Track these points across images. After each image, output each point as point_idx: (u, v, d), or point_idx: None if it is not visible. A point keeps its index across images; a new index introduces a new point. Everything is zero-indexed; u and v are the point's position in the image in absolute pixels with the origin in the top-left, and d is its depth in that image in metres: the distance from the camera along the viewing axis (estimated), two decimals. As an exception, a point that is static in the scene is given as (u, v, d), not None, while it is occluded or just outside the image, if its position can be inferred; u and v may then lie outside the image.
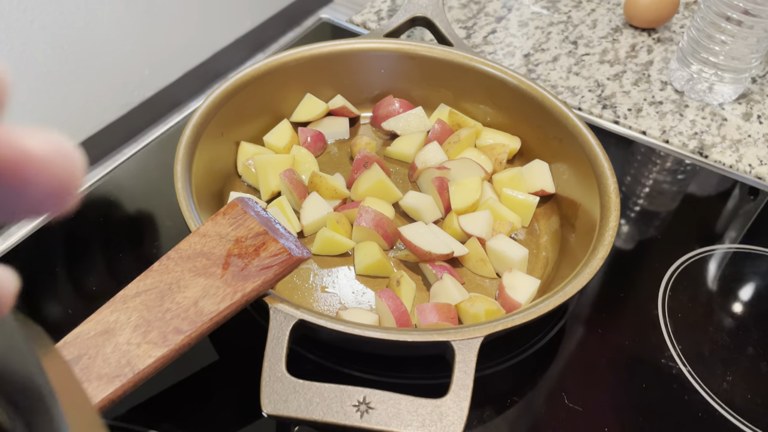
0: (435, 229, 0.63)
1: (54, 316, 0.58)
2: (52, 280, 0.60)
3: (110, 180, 0.69)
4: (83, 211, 0.66)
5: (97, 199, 0.67)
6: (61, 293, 0.59)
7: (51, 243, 0.63)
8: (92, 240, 0.64)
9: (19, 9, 1.61)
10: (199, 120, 0.63)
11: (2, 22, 1.58)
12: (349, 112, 0.75)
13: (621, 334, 0.61)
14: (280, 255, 0.49)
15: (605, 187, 0.62)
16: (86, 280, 0.60)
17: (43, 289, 0.59)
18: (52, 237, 0.64)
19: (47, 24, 1.68)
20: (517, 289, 0.59)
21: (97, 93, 2.01)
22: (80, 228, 0.65)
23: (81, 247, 0.63)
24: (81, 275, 0.61)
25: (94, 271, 0.61)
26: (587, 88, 0.87)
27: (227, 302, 0.47)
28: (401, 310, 0.55)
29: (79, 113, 1.98)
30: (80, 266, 0.61)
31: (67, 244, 0.64)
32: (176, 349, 0.46)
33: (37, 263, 0.61)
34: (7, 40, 1.64)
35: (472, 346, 0.48)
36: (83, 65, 1.88)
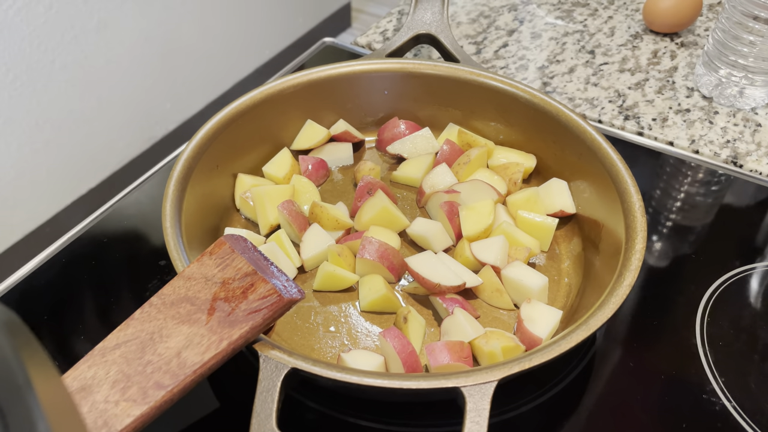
0: (445, 258, 0.59)
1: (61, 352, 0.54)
2: (42, 329, 0.57)
3: (104, 221, 0.66)
4: (73, 256, 0.63)
5: (89, 241, 0.65)
6: (50, 342, 0.56)
7: (39, 289, 0.61)
8: (83, 285, 0.61)
9: (40, 50, 1.63)
10: (191, 154, 0.60)
11: (24, 63, 1.60)
12: (353, 137, 0.71)
13: (656, 367, 0.55)
14: (270, 297, 0.45)
15: (629, 205, 0.56)
16: (75, 327, 0.57)
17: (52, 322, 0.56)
18: (40, 283, 0.61)
19: (68, 63, 1.70)
20: (537, 321, 0.53)
21: (120, 129, 2.03)
22: (70, 273, 0.62)
23: (71, 294, 0.60)
24: (71, 322, 0.58)
25: (84, 318, 0.58)
26: (607, 99, 0.82)
27: (212, 352, 0.43)
28: (408, 351, 0.51)
29: (103, 150, 1.99)
30: (69, 313, 0.58)
31: (57, 291, 0.61)
32: (157, 406, 0.42)
33: (24, 311, 0.59)
34: (29, 81, 1.66)
35: (485, 392, 0.43)
36: (105, 102, 1.90)
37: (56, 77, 1.74)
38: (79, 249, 0.64)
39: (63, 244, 0.64)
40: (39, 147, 1.84)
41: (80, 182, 2.03)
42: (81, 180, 2.03)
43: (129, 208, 0.68)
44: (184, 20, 1.96)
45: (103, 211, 0.67)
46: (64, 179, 1.96)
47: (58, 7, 1.64)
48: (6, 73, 1.63)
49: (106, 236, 0.65)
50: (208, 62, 2.11)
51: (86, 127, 1.97)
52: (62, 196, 2.01)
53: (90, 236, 0.65)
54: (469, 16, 0.95)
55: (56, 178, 1.92)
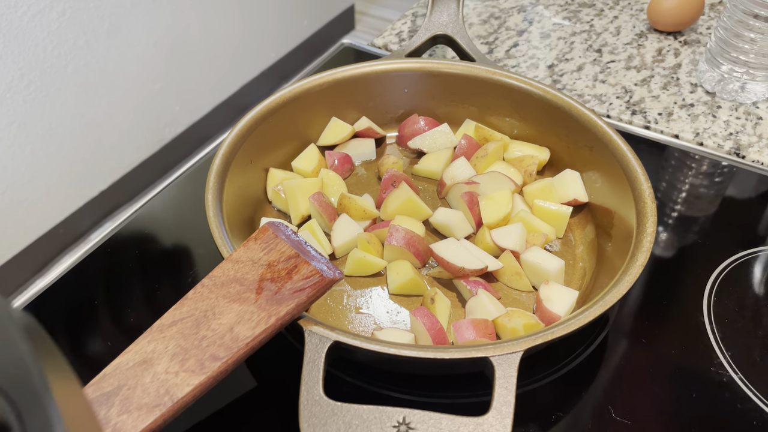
0: (467, 244, 0.63)
1: (95, 349, 0.58)
2: (92, 314, 0.61)
3: (143, 214, 0.70)
4: (119, 247, 0.67)
5: (131, 233, 0.68)
6: (100, 326, 0.60)
7: (89, 278, 0.64)
8: (129, 273, 0.65)
9: (53, 54, 1.66)
10: (227, 149, 0.64)
11: (38, 67, 1.64)
12: (375, 133, 0.75)
13: (666, 342, 0.59)
14: (313, 277, 0.49)
15: (640, 192, 0.60)
16: (124, 312, 0.61)
17: (83, 322, 0.60)
18: (90, 272, 0.65)
19: (80, 68, 1.73)
20: (555, 301, 0.57)
21: (130, 132, 2.06)
22: (117, 262, 0.66)
23: (119, 281, 0.64)
24: (119, 308, 0.61)
25: (131, 304, 0.62)
26: (615, 95, 0.86)
27: (262, 326, 0.47)
28: (437, 328, 0.55)
29: (113, 153, 2.03)
30: (118, 299, 0.62)
31: (105, 279, 0.65)
32: (214, 375, 0.45)
33: (77, 298, 0.63)
34: (43, 86, 1.70)
35: (512, 361, 0.46)
36: (116, 106, 1.94)
37: (69, 81, 1.78)
38: (122, 240, 0.68)
39: (105, 236, 0.68)
40: (52, 151, 1.88)
41: (92, 185, 2.06)
42: (93, 183, 2.06)
43: (155, 208, 0.72)
44: (192, 25, 2.00)
45: (135, 210, 0.71)
46: (76, 182, 1.99)
47: (71, 13, 1.68)
48: (21, 77, 1.67)
49: (147, 228, 0.69)
50: (215, 65, 2.15)
51: (97, 131, 2.00)
52: (75, 198, 2.05)
53: (130, 230, 0.69)
54: (480, 18, 0.99)
55: (69, 181, 1.96)
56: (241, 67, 2.29)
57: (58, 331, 0.60)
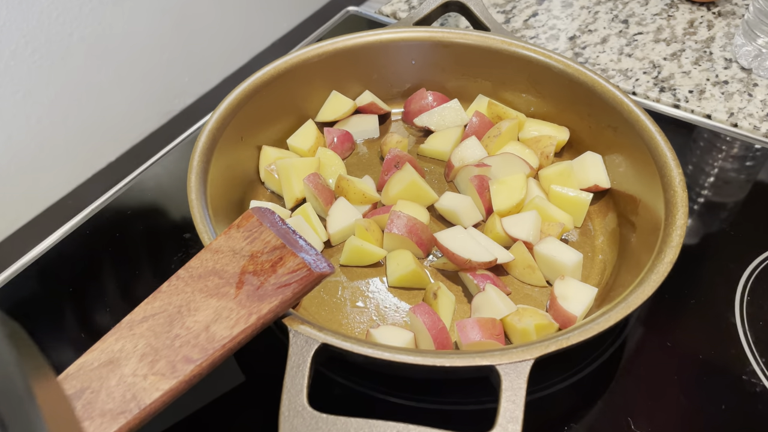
0: (475, 233, 0.57)
1: (67, 340, 0.54)
2: (66, 302, 0.57)
3: (126, 194, 0.65)
4: (97, 228, 0.63)
5: (112, 215, 0.64)
6: (74, 315, 0.56)
7: (65, 262, 0.60)
8: (107, 258, 0.60)
9: (59, 22, 1.61)
10: (215, 125, 0.59)
11: (42, 35, 1.59)
12: (379, 109, 0.69)
13: (693, 346, 0.53)
14: (299, 271, 0.44)
15: (669, 179, 0.54)
16: (100, 300, 0.57)
17: (56, 311, 0.56)
18: (64, 256, 0.61)
19: (86, 36, 1.68)
20: (571, 299, 0.52)
21: (138, 103, 2.01)
22: (95, 245, 0.61)
23: (96, 266, 0.60)
24: (96, 296, 0.57)
25: (109, 291, 0.57)
26: (642, 70, 0.79)
27: (241, 326, 0.42)
28: (439, 327, 0.49)
29: (121, 124, 1.98)
30: (94, 287, 0.58)
31: (82, 264, 0.60)
32: (186, 380, 0.41)
33: (50, 284, 0.58)
34: (48, 54, 1.65)
35: (521, 371, 0.41)
36: (123, 75, 1.88)
37: (74, 50, 1.73)
38: (103, 221, 0.63)
39: (86, 216, 0.63)
40: (58, 121, 1.84)
41: (100, 156, 2.03)
42: (101, 154, 2.02)
43: (150, 182, 0.67)
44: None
45: (124, 184, 0.66)
46: (83, 153, 1.95)
47: (77, -22, 1.62)
48: (25, 45, 1.62)
49: (130, 209, 0.64)
50: (225, 35, 2.09)
51: (104, 101, 1.95)
52: (82, 169, 2.01)
53: (113, 209, 0.64)
54: (497, -15, 0.92)
55: (76, 152, 1.92)
56: (252, 38, 2.23)
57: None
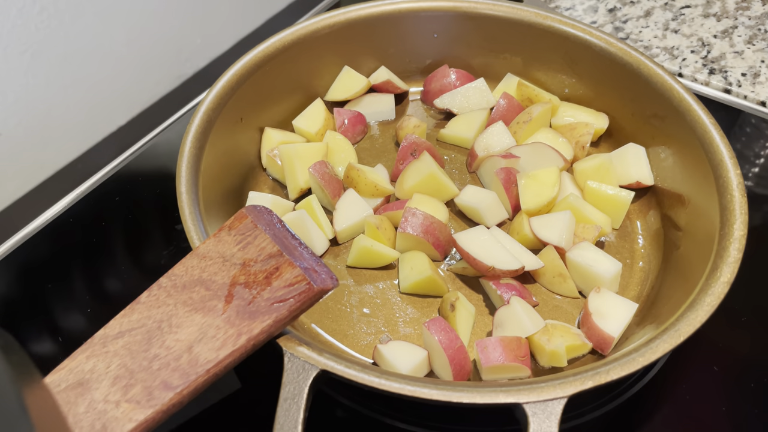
0: (500, 235, 0.51)
1: (42, 345, 0.49)
2: (41, 300, 0.51)
3: (137, 160, 0.62)
4: (79, 217, 0.57)
5: (123, 180, 0.60)
6: (50, 316, 0.51)
7: (75, 226, 0.56)
8: (90, 251, 0.55)
9: (65, -19, 1.55)
10: (211, 105, 0.52)
11: (49, -6, 1.53)
12: (395, 88, 0.62)
13: (746, 371, 0.47)
14: (298, 285, 0.38)
15: (725, 181, 0.47)
16: (80, 299, 0.51)
17: (30, 311, 0.51)
18: (76, 220, 0.57)
19: (94, -5, 1.61)
20: (607, 316, 0.46)
21: (149, 65, 1.95)
22: (77, 235, 0.56)
23: (106, 232, 0.55)
24: (74, 294, 0.52)
25: (89, 289, 0.52)
26: (689, 49, 0.71)
27: (229, 348, 0.37)
28: (456, 347, 0.43)
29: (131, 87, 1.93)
30: (72, 285, 0.52)
31: (59, 257, 0.55)
32: (163, 410, 0.35)
33: (25, 279, 0.53)
34: (56, 13, 1.59)
35: (552, 411, 0.35)
36: (134, 37, 1.82)
37: (84, 8, 1.66)
38: (114, 186, 0.60)
39: (97, 181, 0.61)
40: (67, 83, 1.79)
41: (110, 120, 1.98)
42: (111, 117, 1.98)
43: (162, 147, 0.64)
44: (215, -50, 1.85)
45: (135, 149, 0.64)
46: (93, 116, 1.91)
47: (84, -68, 1.55)
48: (33, 3, 1.55)
49: (141, 175, 0.61)
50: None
51: (115, 63, 1.89)
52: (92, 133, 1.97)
53: (125, 174, 0.61)
54: (530, -52, 0.83)
55: (85, 115, 1.87)
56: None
57: (5, 317, 0.51)
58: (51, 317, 0.51)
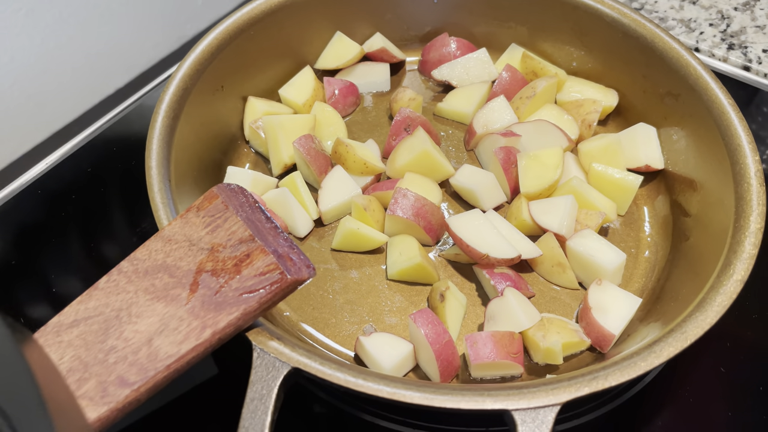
0: (496, 219, 0.47)
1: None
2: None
3: (90, 146, 0.58)
4: (51, 189, 0.54)
5: (68, 171, 0.56)
6: (12, 293, 0.48)
7: (65, 183, 0.54)
8: (58, 225, 0.52)
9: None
10: (188, 71, 0.48)
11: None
12: (391, 57, 0.58)
13: (753, 374, 0.44)
14: (270, 274, 0.35)
15: (743, 168, 0.43)
16: (46, 276, 0.48)
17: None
18: (65, 178, 0.55)
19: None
20: (608, 311, 0.42)
21: (148, 26, 1.90)
22: (46, 208, 0.53)
23: (45, 234, 0.52)
24: (41, 270, 0.49)
25: (58, 264, 0.49)
26: (707, 22, 0.66)
27: (192, 342, 0.34)
28: (443, 342, 0.40)
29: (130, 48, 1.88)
30: (42, 258, 0.49)
31: (28, 229, 0.52)
32: (118, 408, 0.33)
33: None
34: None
35: (543, 420, 0.32)
36: (132, -3, 1.77)
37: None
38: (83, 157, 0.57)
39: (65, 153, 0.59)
40: (63, 42, 1.74)
41: (107, 81, 1.93)
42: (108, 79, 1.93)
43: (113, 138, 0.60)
44: None
45: (126, 106, 0.65)
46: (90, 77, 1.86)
47: None
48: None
49: (115, 144, 0.58)
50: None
51: (112, 23, 1.84)
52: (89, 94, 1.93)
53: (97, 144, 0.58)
54: None
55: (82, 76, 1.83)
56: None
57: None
58: (9, 294, 0.48)
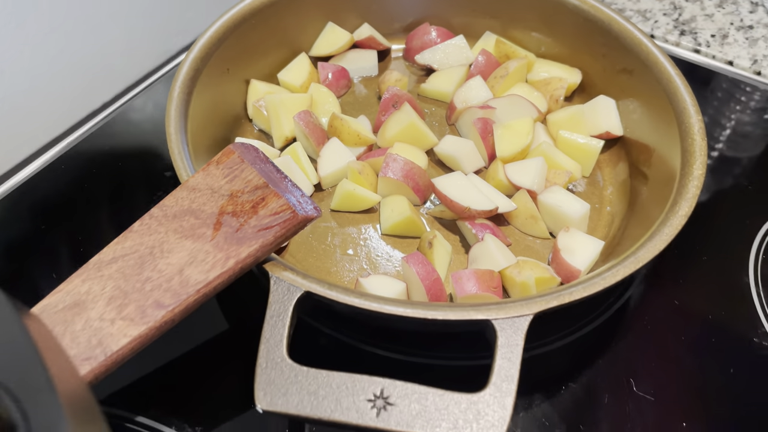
0: (476, 180, 0.53)
1: (37, 280, 0.51)
2: (37, 239, 0.53)
3: (105, 128, 0.62)
4: (73, 165, 0.59)
5: (87, 150, 0.60)
6: (46, 253, 0.53)
7: (36, 197, 0.57)
8: (82, 195, 0.57)
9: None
10: (198, 54, 0.54)
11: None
12: (378, 44, 0.65)
13: (702, 306, 0.50)
14: (282, 213, 0.40)
15: (688, 127, 0.50)
16: (74, 238, 0.53)
17: (27, 248, 0.53)
18: (37, 191, 0.57)
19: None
20: (575, 252, 0.48)
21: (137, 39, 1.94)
22: (71, 181, 0.58)
23: (70, 203, 0.56)
24: (69, 233, 0.54)
25: (83, 229, 0.54)
26: (662, 12, 0.73)
27: (218, 270, 0.39)
28: (432, 278, 0.46)
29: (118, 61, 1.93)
30: (68, 224, 0.54)
31: (55, 199, 0.57)
32: (156, 326, 0.38)
33: (22, 220, 0.55)
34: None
35: (519, 327, 0.38)
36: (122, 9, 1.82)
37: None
38: (86, 151, 0.60)
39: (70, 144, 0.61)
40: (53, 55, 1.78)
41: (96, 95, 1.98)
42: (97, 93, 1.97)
43: (136, 113, 0.63)
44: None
45: (106, 115, 0.62)
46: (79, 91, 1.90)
47: None
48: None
49: (110, 144, 0.61)
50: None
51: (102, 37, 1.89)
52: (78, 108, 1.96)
53: (95, 139, 0.60)
54: None
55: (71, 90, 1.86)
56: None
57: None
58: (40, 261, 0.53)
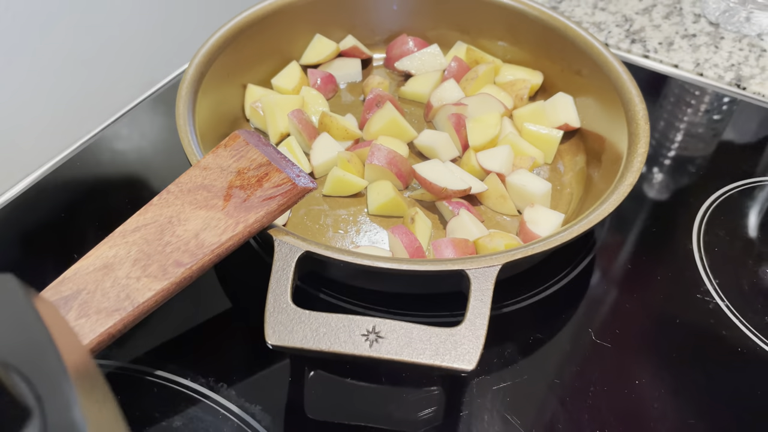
0: (452, 166, 0.60)
1: (58, 262, 0.56)
2: (57, 226, 0.59)
3: (114, 132, 0.68)
4: (89, 161, 0.65)
5: (102, 149, 0.66)
6: (65, 239, 0.58)
7: (56, 190, 0.62)
8: (96, 190, 0.63)
9: None
10: (202, 59, 0.61)
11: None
12: (361, 53, 0.72)
13: (653, 269, 0.57)
14: (284, 185, 0.47)
15: (633, 114, 0.57)
16: (90, 225, 0.59)
17: (48, 237, 0.58)
18: (56, 185, 0.63)
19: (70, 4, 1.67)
20: (539, 223, 0.55)
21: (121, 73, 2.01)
22: (86, 177, 0.64)
23: (86, 197, 0.62)
24: (86, 221, 0.59)
25: (99, 217, 0.60)
26: (614, 24, 0.82)
27: (229, 234, 0.45)
28: (415, 246, 0.53)
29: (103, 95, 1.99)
30: (85, 213, 0.60)
31: (72, 194, 0.62)
32: (177, 282, 0.44)
33: (43, 210, 0.61)
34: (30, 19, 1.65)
35: (489, 275, 0.45)
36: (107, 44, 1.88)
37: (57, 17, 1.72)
38: (81, 164, 0.65)
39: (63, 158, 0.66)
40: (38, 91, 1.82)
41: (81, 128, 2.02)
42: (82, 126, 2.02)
43: (135, 125, 0.69)
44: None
45: (90, 137, 0.68)
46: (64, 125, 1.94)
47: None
48: (5, 9, 1.61)
49: (93, 172, 0.67)
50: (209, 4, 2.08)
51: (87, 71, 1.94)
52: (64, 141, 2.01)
53: (76, 166, 0.66)
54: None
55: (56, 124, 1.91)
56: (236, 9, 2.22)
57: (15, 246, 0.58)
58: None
